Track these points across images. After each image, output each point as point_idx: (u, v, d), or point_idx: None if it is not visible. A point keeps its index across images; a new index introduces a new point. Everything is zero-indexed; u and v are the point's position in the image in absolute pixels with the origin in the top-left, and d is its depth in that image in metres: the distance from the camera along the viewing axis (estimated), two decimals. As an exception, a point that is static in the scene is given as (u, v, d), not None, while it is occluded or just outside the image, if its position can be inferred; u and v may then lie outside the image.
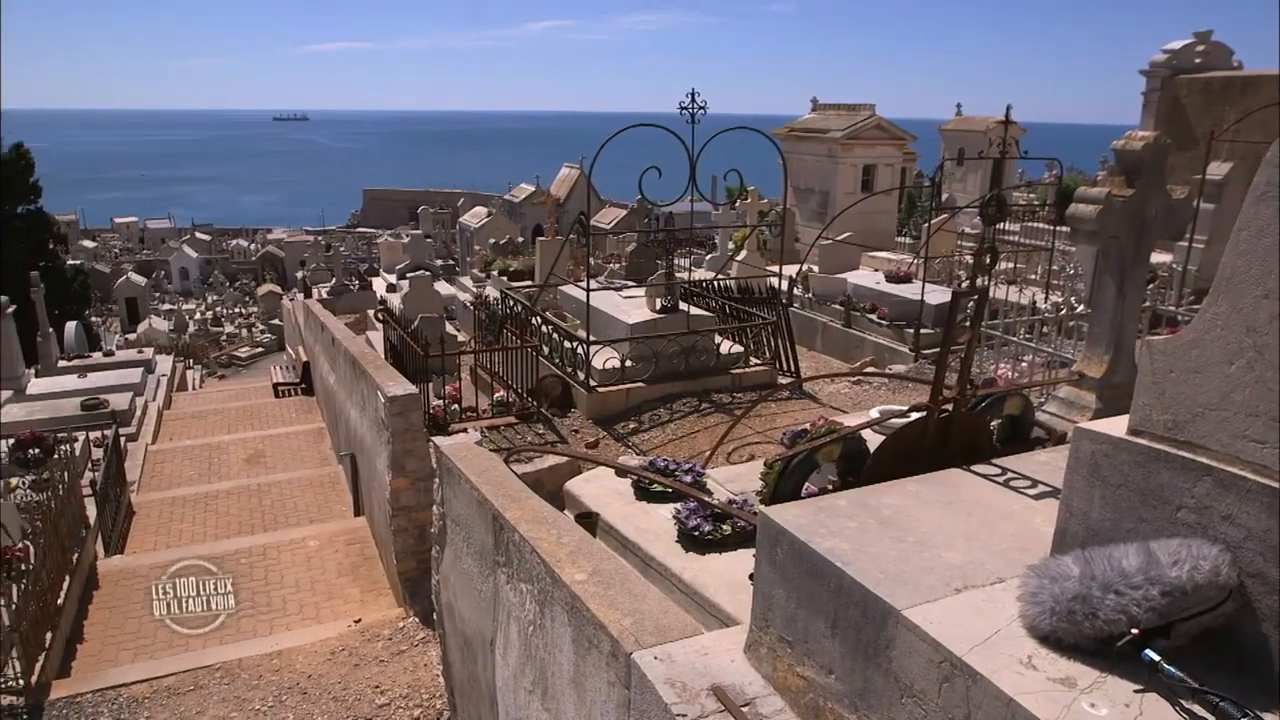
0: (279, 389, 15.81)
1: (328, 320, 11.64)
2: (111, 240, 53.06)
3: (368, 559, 7.93)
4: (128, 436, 11.25)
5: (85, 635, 6.81)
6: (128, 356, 16.30)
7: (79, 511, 7.82)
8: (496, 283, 18.25)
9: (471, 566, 4.34)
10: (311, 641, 6.63)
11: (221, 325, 33.93)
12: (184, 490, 10.18)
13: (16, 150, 26.32)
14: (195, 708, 5.92)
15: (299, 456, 11.35)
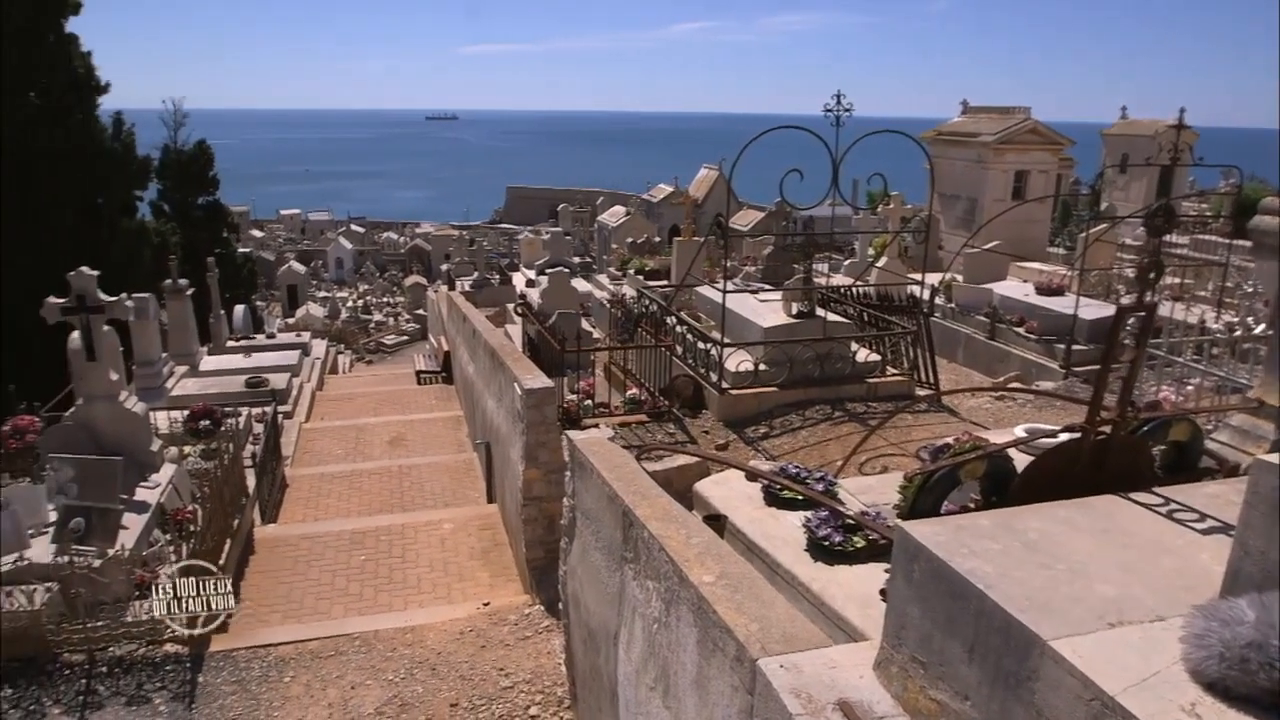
0: (421, 376, 16.53)
1: (469, 312, 12.07)
2: (277, 230, 56.78)
3: (498, 545, 8.17)
4: (284, 414, 12.01)
5: (241, 596, 7.30)
6: (287, 339, 17.42)
7: (240, 481, 8.41)
8: (632, 281, 18.48)
9: (599, 560, 4.40)
10: (442, 620, 6.89)
11: (371, 313, 35.73)
12: (332, 467, 10.79)
13: (199, 147, 28.57)
14: (335, 672, 6.26)
15: (437, 442, 11.83)
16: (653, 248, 24.55)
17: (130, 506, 7.30)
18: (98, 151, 17.26)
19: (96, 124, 17.60)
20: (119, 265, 14.81)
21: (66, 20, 16.91)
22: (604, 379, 9.53)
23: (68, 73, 16.84)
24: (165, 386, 12.24)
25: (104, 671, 6.20)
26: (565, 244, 30.46)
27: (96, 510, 6.87)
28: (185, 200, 27.76)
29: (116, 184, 17.99)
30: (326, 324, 29.74)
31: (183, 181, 27.86)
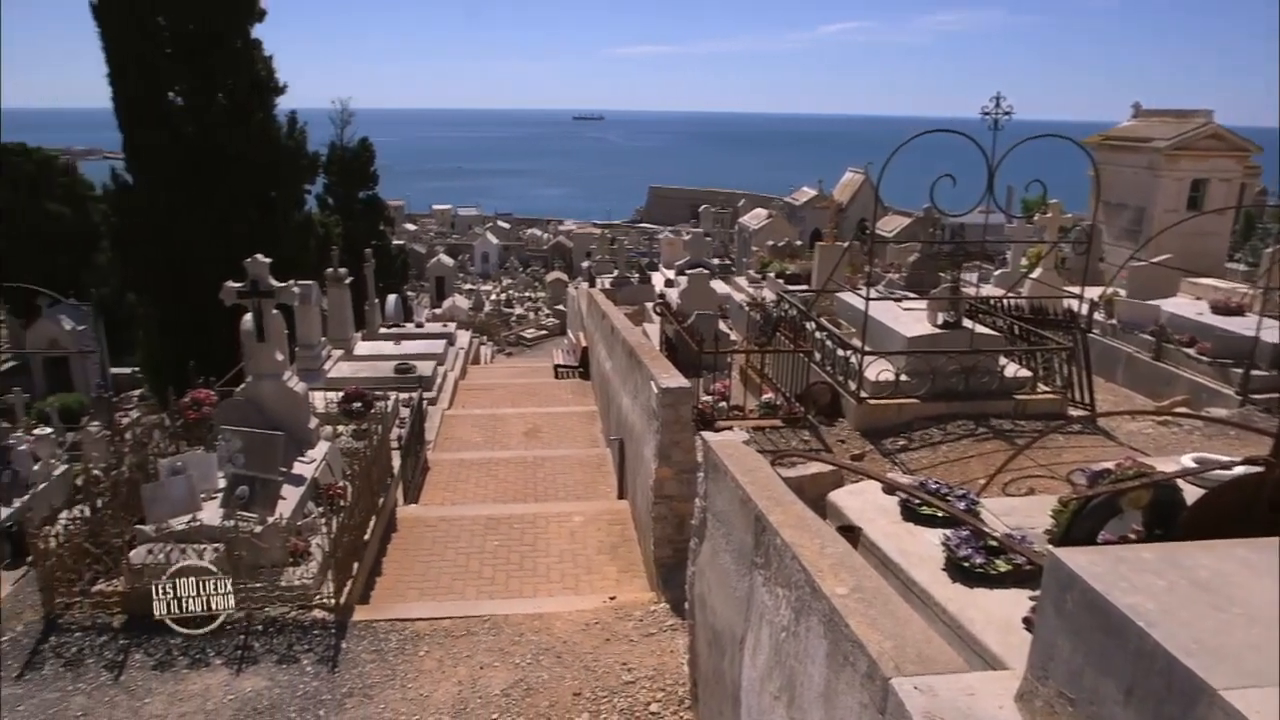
0: (559, 370, 16.92)
1: (609, 309, 12.26)
2: (429, 224, 59.44)
3: (626, 541, 8.27)
4: (429, 400, 12.55)
5: (383, 570, 7.70)
6: (434, 329, 18.20)
7: (387, 462, 8.85)
8: (772, 285, 18.30)
9: (728, 563, 4.38)
10: (569, 610, 7.03)
11: (512, 307, 36.86)
12: (470, 454, 11.19)
13: (362, 144, 30.26)
14: (465, 651, 6.49)
15: (572, 435, 12.08)
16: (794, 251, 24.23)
17: (289, 479, 7.81)
18: (273, 149, 18.53)
19: (273, 123, 18.89)
20: (288, 254, 15.86)
21: (252, 26, 18.24)
22: (740, 382, 9.48)
23: (251, 75, 18.15)
24: (323, 369, 13.03)
25: (259, 630, 6.66)
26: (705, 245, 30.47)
27: (259, 480, 7.39)
28: (348, 194, 29.50)
29: (288, 179, 19.27)
30: (471, 316, 30.89)
31: (346, 177, 29.61)
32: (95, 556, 6.86)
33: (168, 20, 17.18)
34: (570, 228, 54.45)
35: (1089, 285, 10.17)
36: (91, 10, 16.83)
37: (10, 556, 7.58)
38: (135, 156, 17.64)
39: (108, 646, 6.52)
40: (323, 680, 6.16)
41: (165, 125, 17.18)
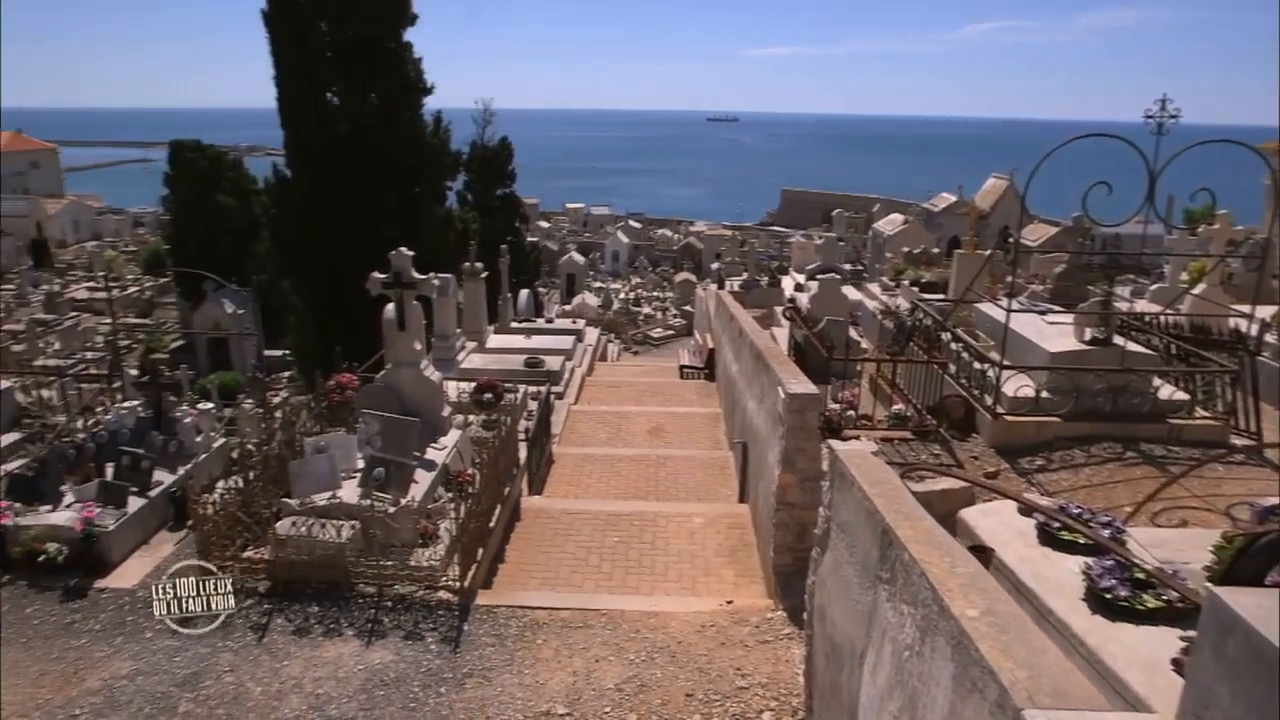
0: (684, 371, 16.96)
1: (737, 312, 12.20)
2: (561, 222, 60.69)
3: (745, 545, 8.20)
4: (556, 394, 12.82)
5: (506, 558, 7.91)
6: (563, 325, 18.56)
7: (514, 452, 9.09)
8: (906, 293, 17.78)
9: (851, 575, 4.28)
10: (685, 611, 7.03)
11: (640, 306, 37.19)
12: (594, 449, 11.36)
13: (502, 143, 31.19)
14: (581, 643, 6.59)
15: (695, 436, 12.09)
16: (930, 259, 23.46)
17: (422, 464, 8.14)
18: (419, 147, 19.35)
19: (420, 122, 19.72)
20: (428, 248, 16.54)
21: (404, 30, 19.10)
22: (869, 391, 9.25)
23: (401, 77, 19.01)
24: (457, 359, 13.51)
25: (389, 606, 6.96)
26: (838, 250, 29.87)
27: (395, 463, 7.73)
28: (486, 192, 30.50)
29: (432, 176, 20.08)
30: (599, 313, 31.37)
31: (485, 174, 30.61)
32: (246, 525, 7.35)
33: (328, 26, 18.21)
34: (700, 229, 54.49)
35: (1260, 304, 9.37)
36: (262, 17, 18.03)
37: (174, 519, 8.20)
38: (294, 153, 18.78)
39: (253, 609, 6.97)
40: (445, 659, 6.39)
41: (322, 124, 18.21)
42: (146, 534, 8.01)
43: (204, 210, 30.56)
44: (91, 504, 7.71)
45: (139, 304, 37.08)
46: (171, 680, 6.16)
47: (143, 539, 7.95)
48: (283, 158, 19.28)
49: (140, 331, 32.00)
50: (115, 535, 7.59)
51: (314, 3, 17.94)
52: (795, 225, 58.48)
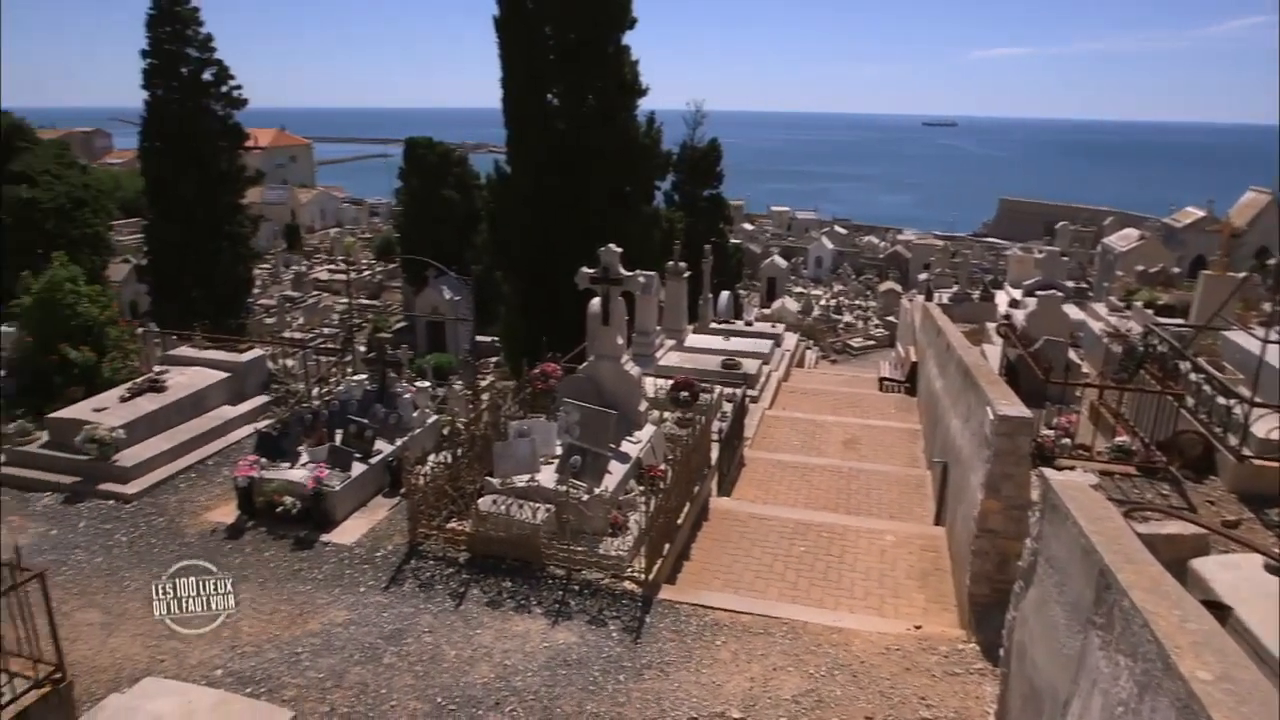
0: (884, 383, 16.41)
1: (945, 325, 11.65)
2: (765, 225, 60.36)
3: (939, 570, 7.82)
4: (751, 398, 12.77)
5: (691, 556, 7.97)
6: (762, 329, 18.46)
7: (706, 452, 9.14)
8: (1139, 315, 16.28)
9: (1058, 616, 3.97)
10: (870, 631, 6.80)
11: (841, 314, 36.35)
12: (786, 456, 11.22)
13: (711, 145, 31.44)
14: (761, 649, 6.53)
15: (891, 452, 11.67)
16: (1168, 279, 21.33)
17: (616, 455, 8.36)
18: (632, 146, 19.87)
19: (633, 123, 20.24)
20: (635, 246, 16.96)
21: (623, 33, 19.67)
22: (1089, 419, 8.55)
23: (618, 78, 19.59)
24: (655, 356, 13.76)
25: (576, 590, 7.21)
26: (1060, 265, 27.90)
27: (591, 453, 7.99)
28: (693, 192, 30.86)
29: (642, 175, 20.57)
30: (798, 319, 30.96)
31: (693, 175, 30.97)
32: (451, 498, 7.85)
33: (553, 30, 19.07)
34: (909, 237, 52.50)
35: None
36: (494, 23, 19.16)
37: (389, 486, 8.89)
38: (515, 151, 19.83)
39: (453, 578, 7.43)
40: (626, 648, 6.52)
41: (542, 123, 19.11)
42: (365, 497, 8.74)
43: (431, 202, 32.93)
44: (322, 465, 8.51)
45: (370, 286, 40.52)
46: (379, 633, 6.69)
47: (362, 501, 8.68)
48: (504, 155, 20.39)
49: (370, 311, 34.98)
50: (340, 495, 8.34)
51: (541, 8, 18.85)
52: (1013, 237, 55.01)
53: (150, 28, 26.77)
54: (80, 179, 25.76)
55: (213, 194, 27.20)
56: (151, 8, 26.77)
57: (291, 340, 14.76)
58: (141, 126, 27.43)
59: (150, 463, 9.37)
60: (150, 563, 7.80)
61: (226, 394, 10.87)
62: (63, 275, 11.05)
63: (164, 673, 5.95)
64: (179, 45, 27.00)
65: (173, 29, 26.90)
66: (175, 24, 26.92)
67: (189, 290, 26.33)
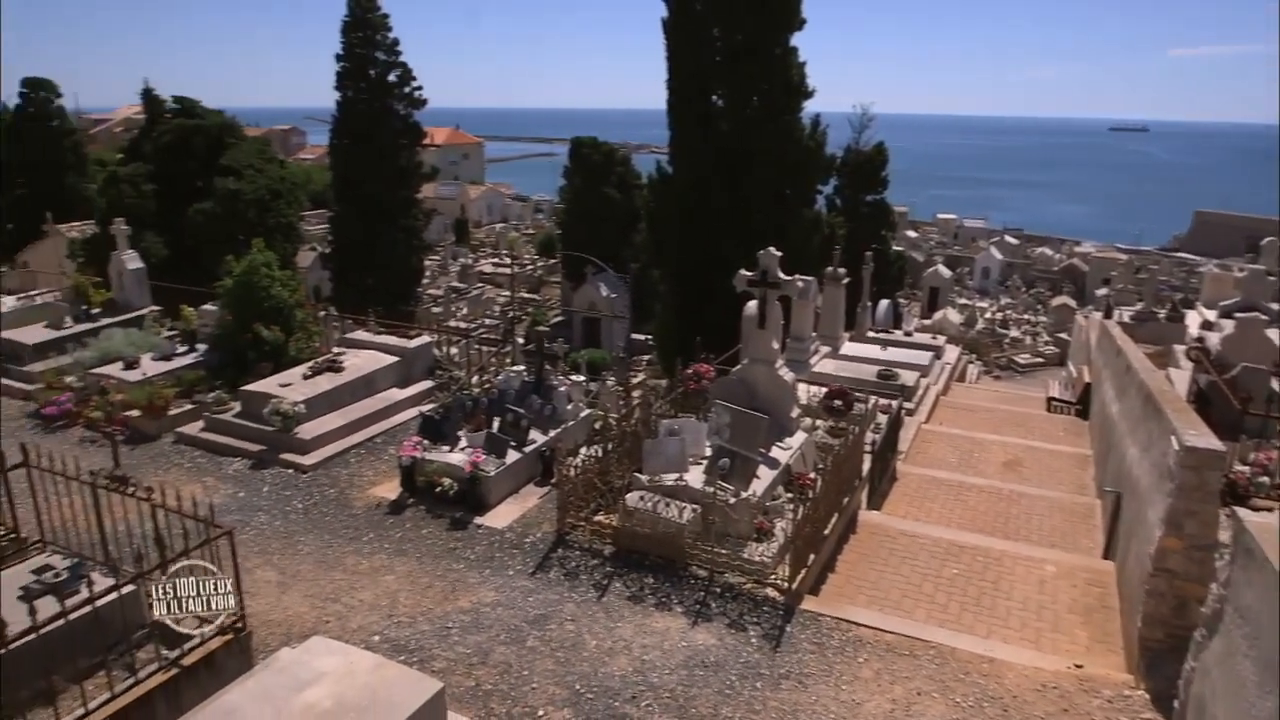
0: (1052, 404, 15.50)
1: (1125, 345, 10.86)
2: (930, 233, 58.22)
3: (1105, 608, 7.31)
4: (907, 410, 12.35)
5: (836, 568, 7.79)
6: (922, 340, 17.80)
7: (857, 463, 8.91)
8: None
9: (1248, 672, 3.63)
10: (1024, 664, 6.44)
11: (1008, 328, 34.60)
12: (940, 473, 10.77)
13: (877, 149, 30.60)
14: (905, 671, 6.31)
15: (1056, 477, 11.00)
16: (1394, 306, 19.02)
17: (766, 460, 8.28)
18: (796, 149, 19.61)
19: (798, 125, 19.96)
20: (794, 249, 16.74)
21: (791, 35, 19.42)
22: (1290, 456, 7.76)
23: (784, 80, 19.37)
24: (809, 362, 13.55)
25: (717, 592, 7.19)
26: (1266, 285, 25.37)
27: (740, 456, 7.95)
28: (855, 197, 30.14)
29: (804, 178, 20.26)
30: (961, 331, 29.70)
31: (857, 179, 30.24)
32: (600, 491, 8.01)
33: (720, 32, 19.07)
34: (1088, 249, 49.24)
35: None
36: (662, 25, 19.36)
37: (541, 475, 9.17)
38: (677, 151, 19.97)
39: (597, 569, 7.57)
40: (764, 655, 6.46)
41: (706, 125, 19.15)
42: (518, 484, 9.05)
43: (593, 201, 33.70)
44: (479, 451, 8.87)
45: (531, 281, 41.91)
46: (524, 616, 6.91)
47: (514, 488, 8.99)
48: (666, 155, 20.59)
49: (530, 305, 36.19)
50: (494, 481, 8.67)
51: (710, 10, 18.89)
52: (1209, 253, 50.54)
53: (344, 33, 28.72)
54: (278, 173, 27.92)
55: (392, 188, 28.89)
56: (346, 15, 28.74)
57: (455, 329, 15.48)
58: (333, 125, 29.49)
59: (325, 437, 10.07)
60: (321, 530, 8.38)
61: (395, 377, 11.52)
62: (260, 260, 12.02)
63: (328, 633, 6.37)
64: (368, 49, 28.83)
65: (364, 34, 28.75)
66: (366, 30, 28.76)
67: (366, 278, 28.09)
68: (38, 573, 5.84)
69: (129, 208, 23.30)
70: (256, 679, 4.41)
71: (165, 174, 25.91)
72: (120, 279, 14.23)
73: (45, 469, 6.43)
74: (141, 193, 25.36)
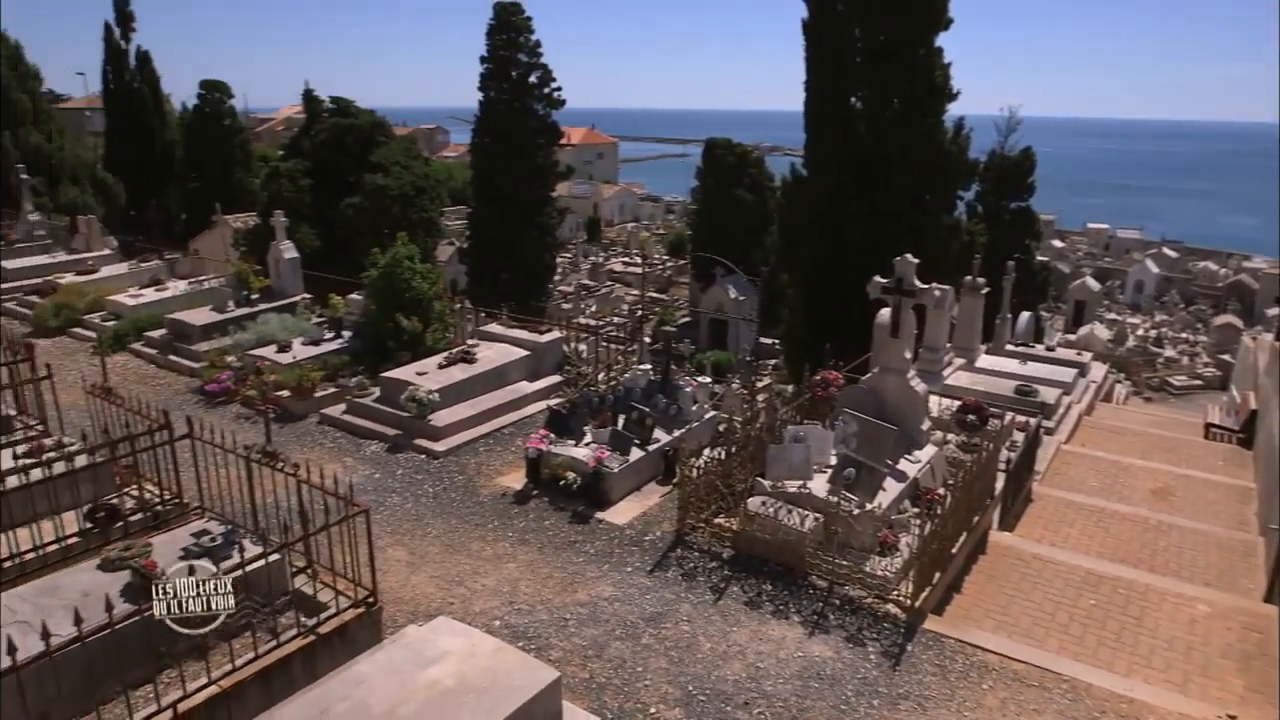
0: (1210, 430, 14.42)
1: (1299, 371, 9.99)
2: (1078, 243, 55.17)
3: (1264, 655, 6.74)
4: (1046, 429, 11.73)
5: (963, 589, 7.50)
6: (1066, 355, 16.86)
7: (990, 481, 8.55)
8: None
9: None
10: (1168, 708, 6.03)
11: (1162, 347, 32.45)
12: (1081, 497, 10.19)
13: (1023, 153, 29.21)
14: (1033, 703, 6.02)
15: (1211, 510, 10.22)
16: None
17: (892, 473, 8.06)
18: (937, 153, 18.95)
19: (940, 128, 19.28)
20: (931, 257, 16.18)
21: (937, 35, 18.77)
22: None
23: (928, 82, 18.74)
24: (942, 374, 13.07)
25: (836, 604, 7.05)
26: None
27: (866, 467, 7.76)
28: (998, 203, 28.86)
29: (944, 184, 19.54)
30: (1108, 348, 28.05)
31: (1000, 185, 28.95)
32: (721, 494, 7.98)
33: (862, 32, 18.63)
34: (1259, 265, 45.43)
35: None
36: (802, 26, 19.09)
37: (663, 474, 9.22)
38: (812, 154, 19.63)
39: (715, 572, 7.56)
40: (883, 673, 6.29)
41: (843, 126, 18.76)
42: (640, 482, 9.13)
43: (724, 202, 33.61)
44: (603, 447, 9.00)
45: (660, 281, 42.20)
46: (640, 613, 6.97)
47: (636, 486, 9.07)
48: (800, 158, 20.29)
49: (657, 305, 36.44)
50: (617, 477, 8.78)
51: (852, 10, 18.49)
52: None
53: (489, 36, 29.71)
54: (422, 170, 29.12)
55: (528, 186, 29.67)
56: (491, 19, 29.72)
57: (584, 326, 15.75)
58: (474, 125, 30.55)
59: (457, 425, 10.44)
60: (449, 515, 8.70)
61: (525, 370, 11.83)
62: (403, 253, 12.59)
63: (452, 614, 6.60)
64: (511, 52, 29.71)
65: (507, 37, 29.65)
66: (510, 32, 29.65)
67: (500, 273, 28.97)
68: (196, 536, 6.31)
69: (287, 201, 24.81)
70: (385, 653, 4.62)
71: (321, 169, 27.46)
72: (277, 267, 15.18)
73: (206, 441, 6.93)
74: (299, 187, 26.96)
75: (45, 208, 24.02)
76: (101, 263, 18.31)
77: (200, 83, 35.04)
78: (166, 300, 15.24)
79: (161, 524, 7.03)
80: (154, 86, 34.72)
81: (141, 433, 7.12)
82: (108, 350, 13.19)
